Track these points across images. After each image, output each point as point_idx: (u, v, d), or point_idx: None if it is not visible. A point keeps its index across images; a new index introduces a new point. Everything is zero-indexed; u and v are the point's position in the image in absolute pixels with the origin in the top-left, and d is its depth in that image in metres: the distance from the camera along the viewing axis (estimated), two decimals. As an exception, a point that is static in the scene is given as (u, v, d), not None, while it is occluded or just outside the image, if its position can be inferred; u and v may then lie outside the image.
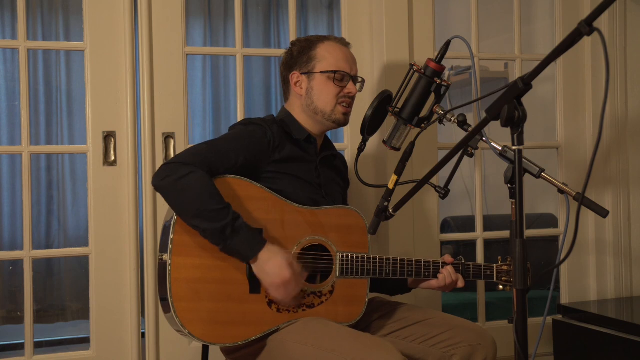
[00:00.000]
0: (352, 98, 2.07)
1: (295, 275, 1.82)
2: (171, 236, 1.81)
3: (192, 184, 1.79)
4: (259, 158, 1.94)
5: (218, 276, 1.83)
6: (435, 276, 2.03)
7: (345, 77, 2.04)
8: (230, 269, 1.84)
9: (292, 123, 2.06)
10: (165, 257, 1.81)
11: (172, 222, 1.82)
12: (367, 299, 1.97)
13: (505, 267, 2.10)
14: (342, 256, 1.94)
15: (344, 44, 2.10)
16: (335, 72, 2.02)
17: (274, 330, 1.87)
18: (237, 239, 1.79)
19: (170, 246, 1.80)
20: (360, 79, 2.09)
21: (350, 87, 2.05)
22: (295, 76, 2.06)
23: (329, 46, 2.06)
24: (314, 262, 1.93)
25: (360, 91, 2.09)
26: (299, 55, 2.06)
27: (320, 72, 2.03)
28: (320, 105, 2.04)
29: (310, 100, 2.04)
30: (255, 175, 1.93)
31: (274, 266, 1.80)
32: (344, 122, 2.08)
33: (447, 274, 2.02)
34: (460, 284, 2.05)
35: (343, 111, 2.05)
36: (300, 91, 2.06)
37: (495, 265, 2.10)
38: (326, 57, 2.04)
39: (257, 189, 1.90)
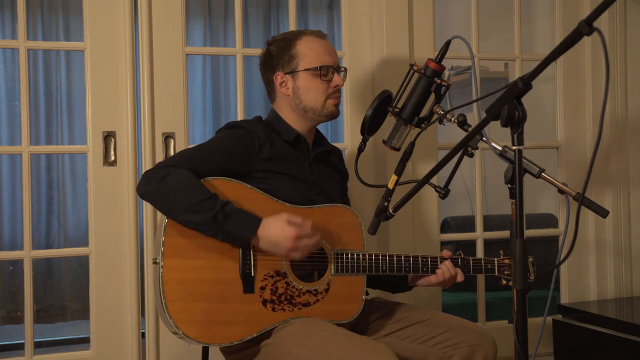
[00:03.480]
0: (340, 89, 2.07)
1: (301, 226, 1.82)
2: (162, 239, 1.81)
3: (174, 181, 1.79)
4: (247, 158, 1.94)
5: (211, 277, 1.83)
6: (433, 271, 2.01)
7: (330, 70, 2.03)
8: (223, 269, 1.84)
9: (280, 124, 2.05)
10: (158, 259, 1.81)
11: (163, 225, 1.82)
12: (364, 297, 1.96)
13: (507, 261, 2.08)
14: (337, 254, 1.94)
15: (321, 36, 2.08)
16: (319, 67, 2.01)
17: (270, 330, 1.87)
18: (232, 223, 1.78)
19: (162, 248, 1.80)
20: (342, 68, 2.08)
21: (336, 79, 2.04)
22: (279, 77, 2.05)
23: (307, 42, 2.04)
24: (309, 260, 1.92)
25: (344, 80, 2.08)
26: (279, 55, 2.04)
27: (305, 69, 2.02)
28: (309, 104, 2.03)
29: (298, 99, 2.03)
30: (245, 176, 1.93)
31: (277, 232, 1.80)
32: (336, 114, 2.07)
33: (446, 269, 2.01)
34: (460, 278, 2.03)
35: (334, 103, 2.05)
36: (287, 91, 2.05)
37: (496, 259, 2.08)
38: (307, 54, 2.02)
39: (247, 189, 1.90)
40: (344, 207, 2.01)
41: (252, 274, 1.85)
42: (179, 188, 1.79)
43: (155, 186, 1.80)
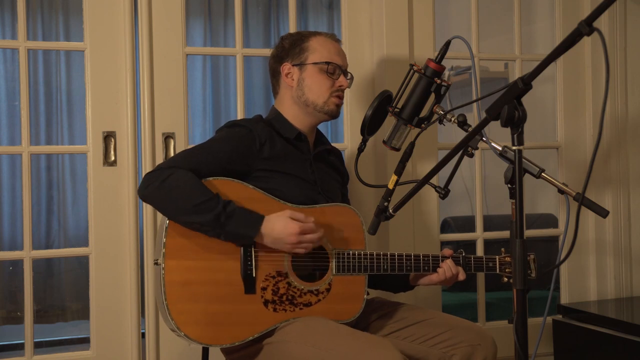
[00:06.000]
0: (343, 91, 2.08)
1: (304, 222, 1.83)
2: (164, 240, 1.81)
3: (175, 183, 1.80)
4: (248, 157, 1.94)
5: (212, 278, 1.83)
6: (435, 270, 2.02)
7: (337, 70, 2.05)
8: (224, 270, 1.84)
9: (281, 122, 2.05)
10: (159, 260, 1.81)
11: (165, 226, 1.82)
12: (365, 296, 1.96)
13: (508, 259, 2.07)
14: (338, 253, 1.94)
15: (335, 39, 2.11)
16: (328, 63, 2.03)
17: (271, 330, 1.87)
18: (234, 222, 1.79)
19: (163, 250, 1.80)
20: (350, 75, 2.09)
21: (341, 80, 2.05)
22: (286, 67, 2.07)
23: (320, 40, 2.07)
24: (310, 260, 1.93)
25: (349, 87, 2.09)
26: (291, 48, 2.07)
27: (313, 63, 2.03)
28: (311, 97, 2.03)
29: (301, 91, 2.04)
30: (246, 175, 1.93)
31: (280, 229, 1.81)
32: (336, 114, 2.08)
33: (447, 268, 2.01)
34: (461, 276, 2.03)
35: (336, 102, 2.06)
36: (291, 82, 2.06)
37: (497, 257, 2.08)
38: (318, 49, 2.05)
39: (248, 189, 1.90)
40: (346, 206, 2.01)
41: (254, 275, 1.85)
42: (179, 189, 1.79)
43: (156, 189, 1.80)
